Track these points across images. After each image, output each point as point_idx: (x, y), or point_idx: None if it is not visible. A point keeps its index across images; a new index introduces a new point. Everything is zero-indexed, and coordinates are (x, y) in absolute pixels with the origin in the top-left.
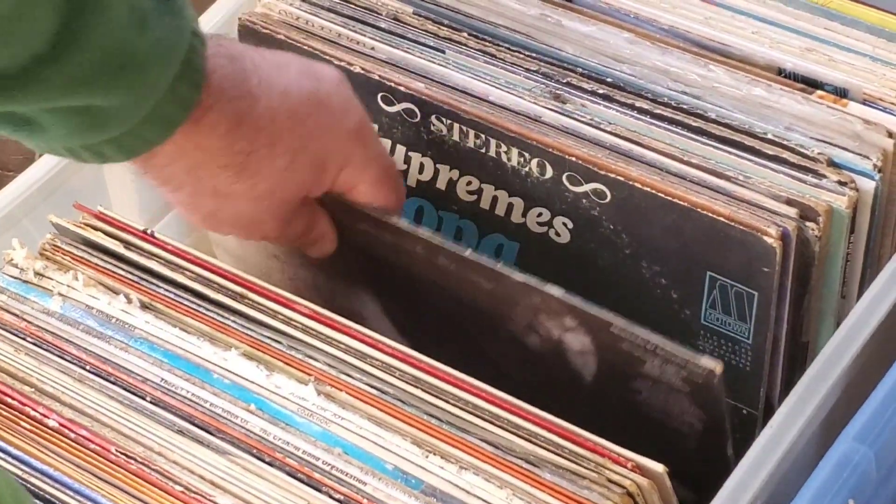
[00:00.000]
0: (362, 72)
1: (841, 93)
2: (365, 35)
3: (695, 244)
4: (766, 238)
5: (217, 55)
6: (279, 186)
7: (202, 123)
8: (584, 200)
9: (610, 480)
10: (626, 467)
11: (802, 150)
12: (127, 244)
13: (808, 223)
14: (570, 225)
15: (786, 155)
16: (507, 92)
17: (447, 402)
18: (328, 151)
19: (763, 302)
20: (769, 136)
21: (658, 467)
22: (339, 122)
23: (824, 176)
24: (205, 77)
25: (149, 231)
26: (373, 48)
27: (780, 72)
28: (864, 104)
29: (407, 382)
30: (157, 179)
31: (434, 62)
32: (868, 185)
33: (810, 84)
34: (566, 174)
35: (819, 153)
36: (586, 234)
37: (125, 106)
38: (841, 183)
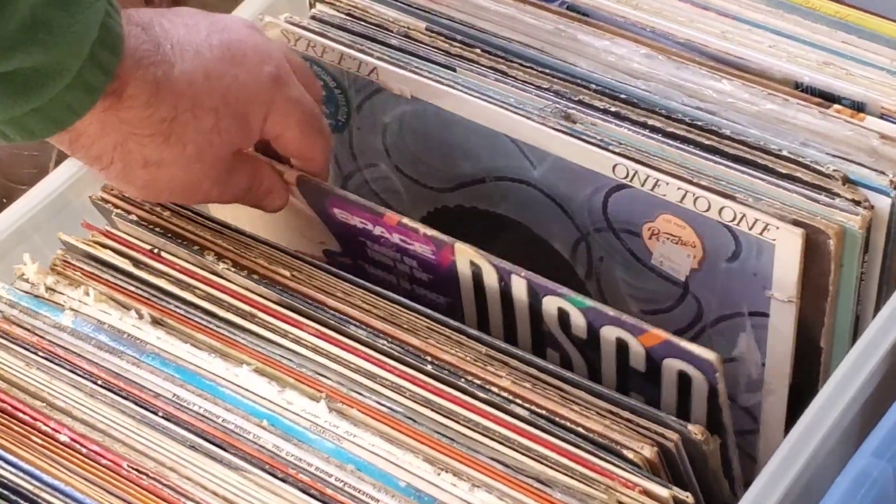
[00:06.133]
0: None
1: (858, 107)
2: (372, 55)
3: None
4: None
5: (129, 23)
6: (208, 147)
7: (123, 96)
8: None
9: (620, 503)
10: (634, 491)
11: (817, 166)
12: (136, 262)
13: None
14: None
15: (800, 173)
16: (516, 113)
17: (457, 422)
18: (250, 102)
19: None
20: (784, 152)
21: (664, 492)
22: (255, 73)
23: (838, 195)
24: (122, 43)
25: (155, 250)
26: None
27: (797, 86)
28: (882, 118)
29: (417, 402)
30: (87, 158)
31: (443, 82)
32: (883, 203)
33: (827, 98)
34: None
35: (834, 170)
36: None
37: (50, 67)
38: (855, 202)
